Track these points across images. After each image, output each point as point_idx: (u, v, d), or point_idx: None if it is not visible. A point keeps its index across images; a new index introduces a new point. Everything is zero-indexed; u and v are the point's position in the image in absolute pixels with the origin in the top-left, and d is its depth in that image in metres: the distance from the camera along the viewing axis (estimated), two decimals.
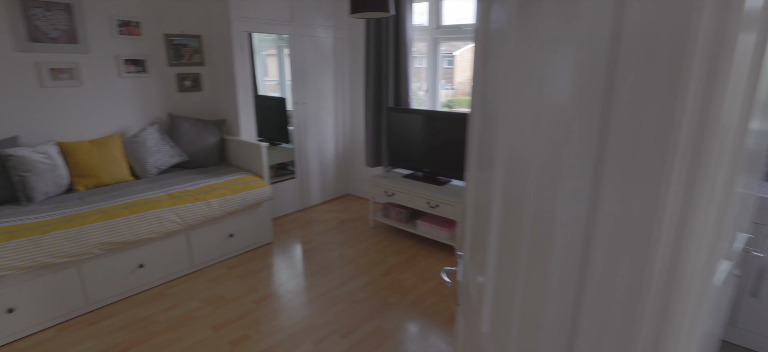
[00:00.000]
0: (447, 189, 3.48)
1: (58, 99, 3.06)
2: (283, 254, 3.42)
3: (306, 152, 4.33)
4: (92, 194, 2.85)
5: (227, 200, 3.10)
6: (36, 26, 2.90)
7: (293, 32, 3.91)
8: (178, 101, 3.72)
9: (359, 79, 4.51)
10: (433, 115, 3.55)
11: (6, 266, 2.15)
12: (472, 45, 5.09)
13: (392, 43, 3.84)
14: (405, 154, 3.84)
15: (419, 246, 3.60)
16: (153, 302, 2.70)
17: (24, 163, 2.66)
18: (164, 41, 3.53)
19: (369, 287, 2.92)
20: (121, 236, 2.55)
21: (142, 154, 3.25)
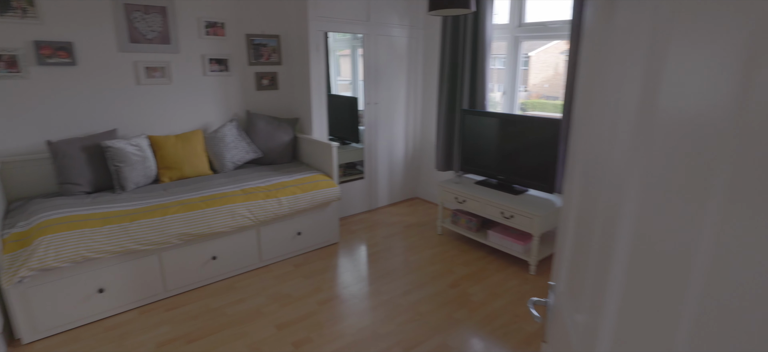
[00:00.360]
0: (523, 199, 3.22)
1: (151, 95, 3.28)
2: (348, 255, 3.38)
3: (375, 153, 4.28)
4: (175, 186, 3.02)
5: (297, 199, 3.12)
6: (136, 28, 3.13)
7: (368, 31, 3.87)
8: (256, 99, 3.85)
9: (432, 79, 4.37)
10: (511, 119, 3.31)
11: (99, 249, 2.32)
12: (552, 44, 4.69)
13: (470, 42, 3.65)
14: (478, 159, 3.63)
15: (489, 258, 3.38)
16: (223, 294, 2.78)
17: (119, 155, 2.88)
18: (246, 41, 3.67)
19: (435, 299, 2.78)
20: (198, 228, 2.65)
21: (221, 150, 3.39)
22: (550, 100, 5.50)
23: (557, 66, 5.52)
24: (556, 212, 3.11)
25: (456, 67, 3.87)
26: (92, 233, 2.31)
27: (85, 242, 2.28)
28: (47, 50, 2.82)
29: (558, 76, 5.40)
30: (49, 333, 2.34)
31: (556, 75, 5.58)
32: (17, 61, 2.74)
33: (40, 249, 2.15)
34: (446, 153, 4.12)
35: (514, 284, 3.00)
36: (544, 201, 3.19)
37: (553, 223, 3.15)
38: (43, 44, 2.80)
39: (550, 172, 3.13)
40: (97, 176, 2.87)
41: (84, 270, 2.36)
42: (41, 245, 2.16)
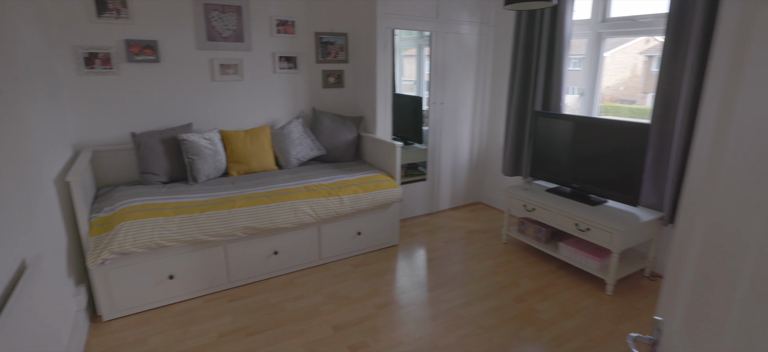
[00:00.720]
0: (602, 211, 2.93)
1: (224, 92, 3.41)
2: (407, 259, 3.29)
3: (439, 154, 4.14)
4: (242, 180, 3.10)
5: (358, 198, 3.08)
6: (213, 27, 3.26)
7: (436, 29, 3.75)
8: (322, 97, 3.88)
9: (502, 79, 4.15)
10: (591, 122, 3.02)
11: (171, 237, 2.43)
12: (630, 43, 4.22)
13: (546, 40, 3.40)
14: (550, 165, 3.37)
15: (559, 272, 3.12)
16: (282, 290, 2.81)
17: (194, 148, 3.01)
18: (314, 39, 3.70)
19: (499, 313, 2.60)
20: (262, 222, 2.70)
21: (287, 146, 3.44)
22: (625, 103, 5.05)
23: (635, 67, 5.03)
24: (640, 227, 2.79)
25: (529, 66, 3.63)
26: (166, 221, 2.42)
27: (159, 230, 2.39)
28: (136, 48, 3.03)
29: (635, 78, 4.93)
30: (125, 313, 2.48)
31: (634, 77, 5.08)
32: (111, 59, 2.96)
33: (121, 234, 2.29)
34: (515, 157, 3.88)
35: (588, 303, 2.73)
36: (625, 214, 2.87)
37: (637, 239, 2.83)
38: (132, 43, 3.00)
39: (634, 183, 2.82)
40: (173, 167, 3.02)
41: (157, 256, 2.48)
42: (121, 230, 2.30)
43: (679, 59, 2.71)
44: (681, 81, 2.71)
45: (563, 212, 3.02)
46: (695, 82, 2.61)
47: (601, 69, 3.44)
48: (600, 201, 3.11)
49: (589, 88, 3.50)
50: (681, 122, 2.70)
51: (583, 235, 2.92)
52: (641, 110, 3.56)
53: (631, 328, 2.46)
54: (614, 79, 4.94)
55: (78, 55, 2.85)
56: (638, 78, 4.64)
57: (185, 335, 2.33)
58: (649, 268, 3.05)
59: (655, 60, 4.01)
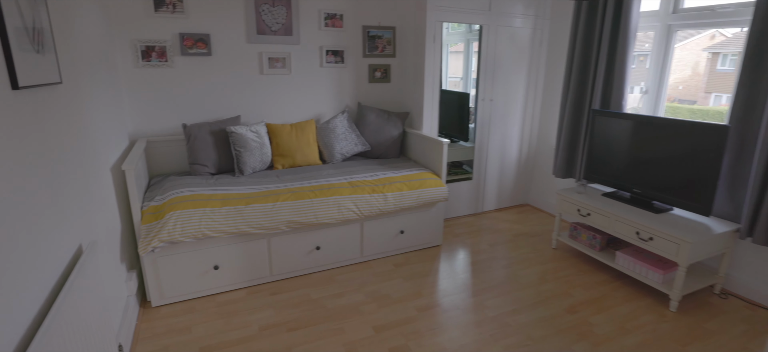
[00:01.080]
0: (667, 220, 2.69)
1: (271, 85, 3.44)
2: (451, 260, 3.18)
3: (486, 153, 3.98)
4: (287, 173, 3.11)
5: (402, 196, 3.01)
6: (263, 20, 3.29)
7: (488, 22, 3.59)
8: (368, 91, 3.83)
9: (556, 76, 3.92)
10: (658, 123, 2.77)
11: (217, 228, 2.46)
12: (692, 39, 3.85)
13: (608, 33, 3.15)
14: (608, 167, 3.13)
15: (616, 283, 2.90)
16: (323, 286, 2.78)
17: (241, 140, 3.05)
18: (362, 33, 3.66)
19: (549, 324, 2.44)
20: (305, 217, 2.68)
21: (331, 141, 3.42)
22: (685, 103, 4.64)
23: (697, 65, 4.62)
24: (712, 239, 2.53)
25: (588, 61, 3.39)
26: (212, 212, 2.46)
27: (206, 220, 2.43)
28: (189, 41, 3.10)
29: (697, 77, 4.53)
30: (172, 300, 2.55)
31: (695, 75, 4.66)
32: (166, 52, 3.05)
33: (170, 223, 2.34)
34: (568, 158, 3.66)
35: (649, 319, 2.51)
36: (695, 224, 2.62)
37: (707, 253, 2.57)
38: (186, 36, 3.07)
39: (706, 191, 2.56)
40: (221, 159, 3.08)
41: (203, 246, 2.52)
42: (171, 219, 2.35)
43: (767, 53, 2.41)
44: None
45: (623, 219, 2.80)
46: None
47: (670, 65, 3.16)
48: (665, 208, 2.85)
49: (654, 85, 3.22)
50: (767, 125, 2.41)
51: (645, 245, 2.69)
52: (703, 111, 3.25)
53: (700, 350, 2.23)
54: (673, 78, 4.56)
55: (136, 49, 2.96)
56: (700, 77, 4.26)
57: (227, 326, 2.35)
58: (719, 284, 2.77)
59: (720, 57, 3.64)
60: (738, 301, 2.71)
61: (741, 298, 2.74)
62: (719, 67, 3.63)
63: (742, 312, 2.60)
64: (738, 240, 2.75)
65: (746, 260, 2.74)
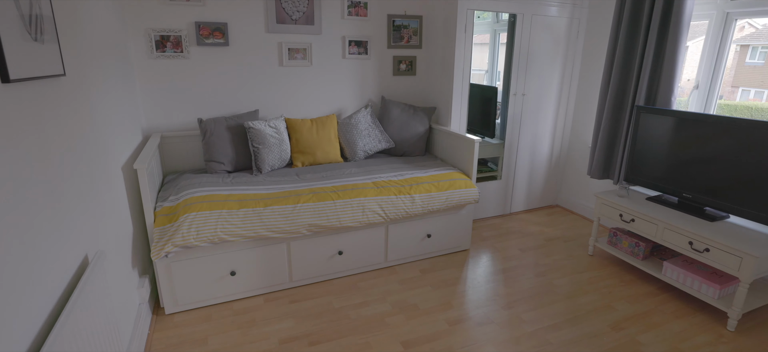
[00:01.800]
0: (724, 229, 2.43)
1: (291, 77, 3.25)
2: (480, 266, 2.97)
3: (516, 151, 3.74)
4: (307, 172, 2.93)
5: (431, 197, 2.80)
6: (283, 9, 3.10)
7: (523, 10, 3.33)
8: (392, 85, 3.62)
9: (594, 69, 3.64)
10: (715, 122, 2.51)
11: (234, 232, 2.29)
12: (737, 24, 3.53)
13: (658, 21, 2.88)
14: (653, 169, 2.88)
15: (663, 296, 2.66)
16: (346, 294, 2.61)
17: (259, 136, 2.88)
18: (387, 22, 3.44)
19: (593, 342, 2.22)
20: (328, 220, 2.50)
21: (354, 137, 3.23)
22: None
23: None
24: None
25: (632, 53, 3.12)
26: (229, 215, 2.29)
27: (222, 223, 2.26)
28: (206, 31, 2.92)
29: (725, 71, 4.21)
30: (187, 307, 2.40)
31: (743, 68, 4.33)
32: (181, 42, 2.88)
33: (184, 227, 2.18)
34: (605, 158, 3.40)
35: (705, 340, 2.27)
36: (758, 236, 2.36)
37: None
38: (202, 25, 2.90)
39: None
40: (238, 156, 2.91)
41: (219, 251, 2.36)
42: (185, 222, 2.19)
43: None
44: None
45: (674, 227, 2.55)
46: None
47: (726, 58, 2.87)
48: (720, 216, 2.59)
49: (705, 80, 2.94)
50: None
51: (699, 256, 2.44)
52: (729, 106, 2.97)
53: None
54: (687, 73, 4.27)
55: (150, 38, 2.79)
56: (727, 71, 3.97)
57: (245, 338, 2.19)
58: None
59: (749, 49, 3.35)
60: None
61: None
62: (748, 60, 3.35)
63: None
64: None
65: None
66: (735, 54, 3.67)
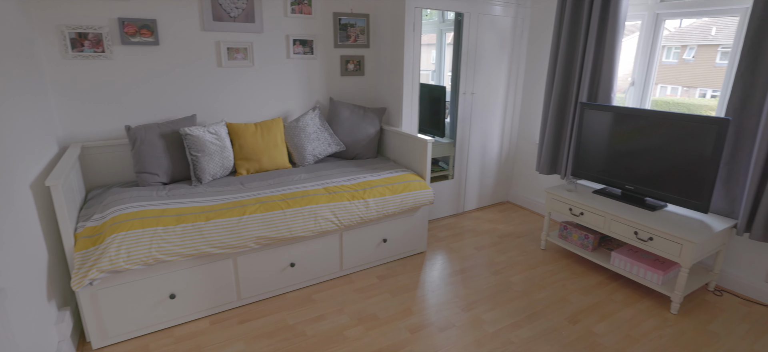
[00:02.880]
0: (664, 218, 2.55)
1: (232, 79, 3.02)
2: (437, 268, 2.92)
3: (466, 150, 3.75)
4: (253, 180, 2.73)
5: (385, 201, 2.71)
6: (220, 5, 2.87)
7: (470, 9, 3.33)
8: (340, 86, 3.48)
9: (538, 67, 3.74)
10: (652, 117, 2.63)
11: (172, 251, 2.06)
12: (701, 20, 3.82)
13: (596, 22, 2.98)
14: (597, 163, 2.98)
15: (612, 285, 2.75)
16: (301, 308, 2.44)
17: (198, 143, 2.64)
18: (333, 20, 3.30)
19: (553, 338, 2.23)
20: (277, 231, 2.32)
21: (302, 141, 3.06)
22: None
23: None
24: (713, 237, 2.41)
25: (574, 51, 3.22)
26: (165, 232, 2.05)
27: (157, 242, 2.02)
28: (131, 28, 2.64)
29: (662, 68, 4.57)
30: (119, 339, 2.12)
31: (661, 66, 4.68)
32: (102, 40, 2.57)
33: (112, 249, 1.92)
34: (553, 154, 3.49)
35: (653, 324, 2.36)
36: (693, 222, 2.49)
37: (708, 251, 2.45)
38: (127, 22, 2.61)
39: (704, 187, 2.44)
40: (174, 166, 2.65)
41: (155, 273, 2.11)
42: (113, 243, 1.93)
43: (767, 43, 2.30)
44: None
45: (620, 218, 2.64)
46: None
47: (657, 57, 3.04)
48: (658, 205, 2.72)
49: (641, 77, 3.10)
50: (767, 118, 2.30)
51: (644, 245, 2.54)
52: (653, 100, 3.21)
53: None
54: (622, 70, 4.57)
55: (64, 36, 2.46)
56: (663, 67, 4.28)
57: None
58: (714, 282, 2.68)
59: (665, 50, 3.61)
60: (732, 297, 2.63)
61: (735, 294, 2.66)
62: (665, 59, 3.61)
63: (740, 310, 2.51)
64: (733, 236, 2.66)
65: (739, 256, 2.66)
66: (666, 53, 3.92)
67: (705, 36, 2.97)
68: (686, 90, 3.09)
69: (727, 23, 2.97)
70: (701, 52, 2.99)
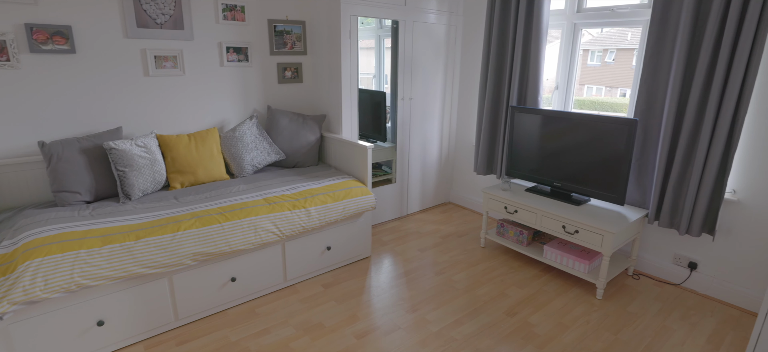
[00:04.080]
0: (588, 211, 2.77)
1: (161, 89, 2.87)
2: (383, 272, 2.96)
3: (408, 154, 3.84)
4: (187, 194, 2.61)
5: (328, 209, 2.70)
6: (144, 11, 2.72)
7: (405, 17, 3.42)
8: (278, 93, 3.43)
9: (471, 73, 3.91)
10: (573, 118, 2.85)
11: (98, 275, 1.91)
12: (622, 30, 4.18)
13: (522, 30, 3.18)
14: (528, 163, 3.18)
15: (546, 277, 2.94)
16: (244, 323, 2.37)
17: (125, 157, 2.48)
18: (268, 27, 3.24)
19: (493, 331, 2.34)
20: (216, 246, 2.24)
21: (239, 151, 2.98)
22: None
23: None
24: (629, 227, 2.66)
25: (504, 59, 3.41)
26: (89, 255, 1.91)
27: (80, 266, 1.87)
28: (42, 35, 2.42)
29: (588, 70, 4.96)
30: None
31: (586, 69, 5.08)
32: (6, 48, 2.34)
33: (26, 277, 1.75)
34: (489, 155, 3.67)
35: (581, 311, 2.55)
36: (612, 214, 2.73)
37: (625, 239, 2.70)
38: (36, 28, 2.40)
39: (620, 181, 2.68)
40: (98, 183, 2.47)
41: (80, 300, 1.96)
42: (27, 272, 1.76)
43: (664, 52, 2.58)
44: (668, 74, 2.59)
45: (549, 214, 2.83)
46: (683, 75, 2.49)
47: (577, 62, 3.30)
48: (583, 200, 2.95)
49: (563, 82, 3.35)
50: (668, 117, 2.58)
51: (571, 237, 2.75)
52: (579, 101, 3.52)
53: (631, 336, 2.30)
54: (548, 75, 4.95)
55: None
56: (578, 72, 4.67)
57: None
58: (632, 267, 2.95)
59: (590, 53, 3.97)
60: (648, 280, 2.91)
61: (650, 277, 2.95)
62: (589, 62, 3.95)
63: (653, 290, 2.78)
64: (646, 224, 2.95)
65: (651, 242, 2.95)
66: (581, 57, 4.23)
67: (622, 41, 3.26)
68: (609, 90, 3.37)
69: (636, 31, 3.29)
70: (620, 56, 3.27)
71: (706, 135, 2.41)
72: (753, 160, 2.44)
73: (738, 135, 2.32)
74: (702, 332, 2.36)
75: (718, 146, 2.38)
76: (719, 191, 2.47)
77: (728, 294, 2.64)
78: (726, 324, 2.43)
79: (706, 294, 2.73)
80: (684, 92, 2.53)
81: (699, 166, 2.47)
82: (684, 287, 2.82)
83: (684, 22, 2.42)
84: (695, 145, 2.52)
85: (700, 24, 2.41)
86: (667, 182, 2.69)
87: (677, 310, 2.57)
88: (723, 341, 2.28)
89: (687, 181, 2.58)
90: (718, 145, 2.38)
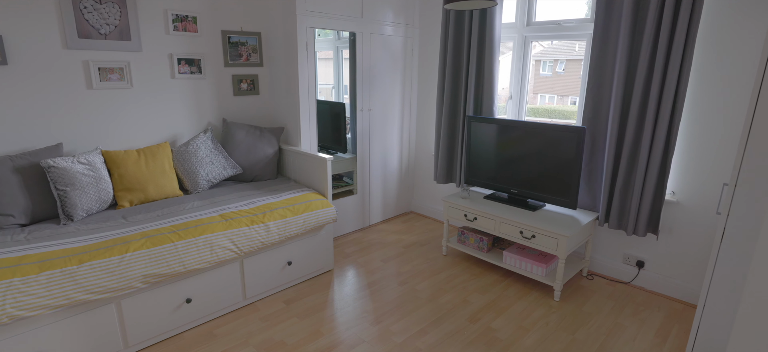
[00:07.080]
0: (543, 216, 2.87)
1: (106, 102, 2.72)
2: (346, 285, 2.92)
3: (368, 164, 3.83)
4: (137, 212, 2.47)
5: (287, 223, 2.64)
6: (86, 21, 2.57)
7: (361, 29, 3.44)
8: (233, 106, 3.33)
9: (429, 84, 3.98)
10: (526, 127, 2.95)
11: (35, 304, 1.76)
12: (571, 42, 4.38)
13: (476, 43, 3.28)
14: (486, 170, 3.26)
15: (506, 282, 3.00)
16: (201, 346, 2.26)
17: (65, 176, 2.31)
18: (222, 38, 3.16)
19: (457, 339, 2.36)
20: (168, 266, 2.13)
21: (194, 166, 2.86)
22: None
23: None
24: (582, 230, 2.78)
25: (459, 69, 3.50)
26: (24, 283, 1.75)
27: (13, 295, 1.72)
28: None
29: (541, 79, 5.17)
30: None
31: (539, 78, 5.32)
32: None
33: None
34: (447, 164, 3.73)
35: (540, 313, 2.63)
36: (566, 218, 2.85)
37: (579, 242, 2.81)
38: None
39: (572, 187, 2.80)
40: (35, 204, 2.29)
41: (13, 332, 1.79)
42: None
43: (607, 63, 2.74)
44: (611, 84, 2.75)
45: (507, 220, 2.91)
46: (625, 85, 2.65)
47: (529, 73, 3.43)
48: (538, 205, 3.06)
49: (516, 91, 3.47)
50: (613, 124, 2.73)
51: (528, 242, 2.83)
52: (534, 109, 3.68)
53: (587, 335, 2.39)
54: (502, 85, 5.16)
55: None
56: (530, 81, 4.89)
57: None
58: (586, 268, 3.07)
59: (541, 64, 4.19)
60: (601, 279, 3.04)
61: (602, 276, 3.09)
62: (542, 72, 4.15)
63: (606, 289, 2.91)
64: (597, 227, 3.09)
65: (602, 243, 3.09)
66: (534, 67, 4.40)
67: (570, 52, 3.43)
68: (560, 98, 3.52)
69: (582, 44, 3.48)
70: (570, 66, 3.44)
71: (646, 140, 2.57)
72: (688, 163, 2.62)
73: (674, 140, 2.49)
74: (651, 326, 2.49)
75: (658, 151, 2.54)
76: (661, 193, 2.63)
77: (672, 289, 2.81)
78: (671, 318, 2.58)
79: (653, 290, 2.89)
80: (625, 101, 2.68)
81: (642, 169, 2.63)
82: (634, 284, 2.97)
83: (622, 36, 2.58)
84: (638, 150, 2.68)
85: (637, 38, 2.58)
86: (615, 185, 2.84)
87: (628, 307, 2.70)
88: (669, 334, 2.42)
89: (632, 184, 2.74)
90: (658, 150, 2.54)
